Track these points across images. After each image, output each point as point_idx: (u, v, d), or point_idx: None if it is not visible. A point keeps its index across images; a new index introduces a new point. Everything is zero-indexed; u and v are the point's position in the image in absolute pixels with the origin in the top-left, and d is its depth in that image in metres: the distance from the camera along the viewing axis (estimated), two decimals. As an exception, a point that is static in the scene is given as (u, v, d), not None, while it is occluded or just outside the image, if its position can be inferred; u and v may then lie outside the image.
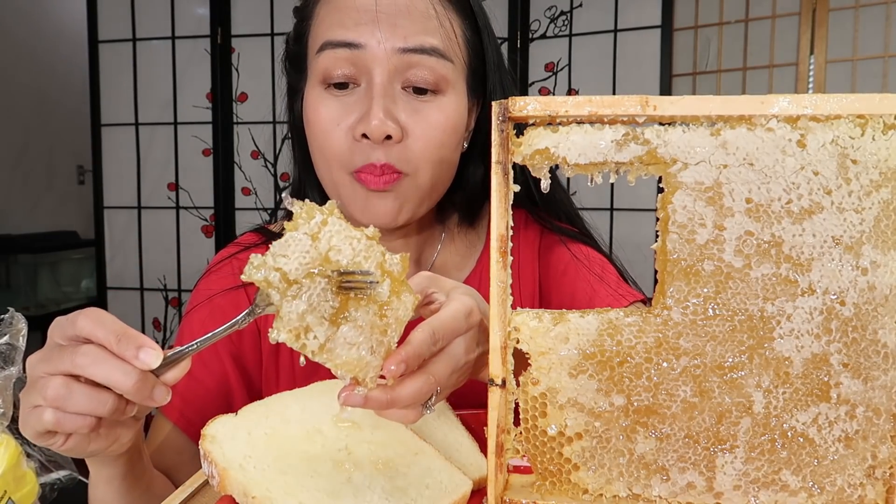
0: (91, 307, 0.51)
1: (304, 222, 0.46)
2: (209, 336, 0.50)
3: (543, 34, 2.58)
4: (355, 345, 0.47)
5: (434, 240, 0.88)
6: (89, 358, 0.48)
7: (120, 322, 0.49)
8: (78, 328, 0.49)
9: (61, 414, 0.49)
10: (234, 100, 2.72)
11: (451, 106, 0.75)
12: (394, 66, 0.72)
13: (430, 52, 0.72)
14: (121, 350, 0.48)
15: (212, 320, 0.80)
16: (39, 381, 0.49)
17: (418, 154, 0.73)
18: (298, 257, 0.45)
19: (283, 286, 0.45)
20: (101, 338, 0.48)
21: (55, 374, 0.49)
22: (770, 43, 2.46)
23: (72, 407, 0.49)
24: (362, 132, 0.71)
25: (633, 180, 0.48)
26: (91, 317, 0.49)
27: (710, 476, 0.48)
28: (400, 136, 0.72)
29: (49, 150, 3.77)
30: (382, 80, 0.72)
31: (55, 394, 0.48)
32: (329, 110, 0.74)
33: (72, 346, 0.49)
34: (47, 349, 0.51)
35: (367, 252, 0.48)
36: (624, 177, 0.48)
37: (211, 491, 0.58)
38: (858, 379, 0.46)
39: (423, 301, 0.56)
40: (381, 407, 0.49)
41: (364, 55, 0.71)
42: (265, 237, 0.87)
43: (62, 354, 0.49)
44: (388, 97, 0.72)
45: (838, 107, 0.45)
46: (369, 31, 0.71)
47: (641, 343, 0.48)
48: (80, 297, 3.59)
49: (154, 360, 0.48)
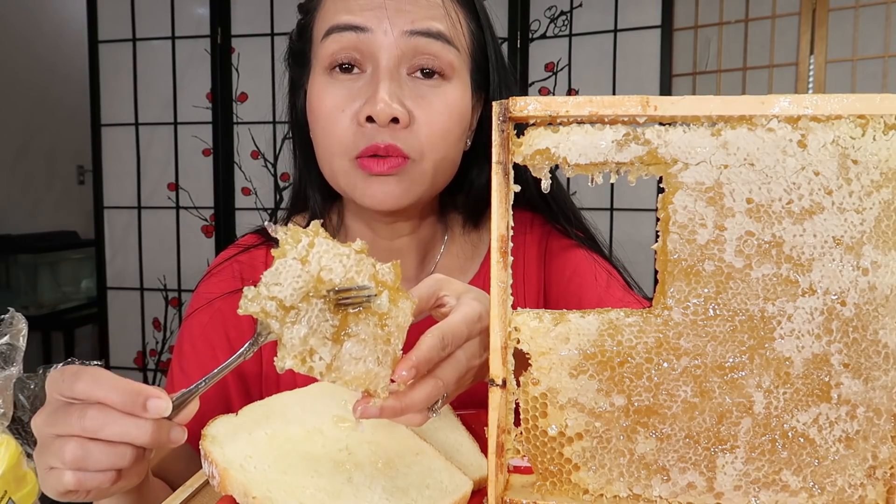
0: (85, 367, 0.49)
1: (291, 247, 0.47)
2: (216, 372, 0.50)
3: (543, 34, 2.58)
4: (361, 359, 0.47)
5: (437, 243, 0.87)
6: (99, 421, 0.47)
7: (117, 377, 0.48)
8: (77, 393, 0.48)
9: (82, 474, 0.48)
10: (234, 100, 2.72)
11: (457, 93, 0.74)
12: (400, 50, 0.71)
13: (436, 37, 0.72)
14: (128, 408, 0.47)
15: (212, 325, 0.80)
16: (53, 444, 0.48)
17: (423, 140, 0.72)
18: (291, 283, 0.46)
19: (281, 314, 0.46)
20: (103, 398, 0.47)
21: (67, 436, 0.48)
22: (770, 43, 2.46)
23: (93, 466, 0.48)
24: (367, 115, 0.70)
25: (634, 180, 0.48)
26: (86, 379, 0.48)
27: (710, 476, 0.48)
28: (407, 119, 0.71)
29: (49, 150, 3.77)
30: (389, 64, 0.71)
31: (73, 456, 0.47)
32: (334, 96, 0.73)
33: (77, 408, 0.48)
34: (51, 409, 0.49)
35: (358, 266, 0.48)
36: (624, 177, 0.48)
37: (211, 491, 0.58)
38: (859, 379, 0.46)
39: (434, 304, 0.56)
40: (395, 415, 0.49)
41: (370, 39, 0.71)
42: (265, 238, 0.87)
43: (69, 418, 0.48)
44: (394, 81, 0.71)
45: (839, 107, 0.45)
46: (375, 16, 0.71)
47: (642, 343, 0.48)
48: (80, 297, 3.58)
49: (164, 409, 0.48)
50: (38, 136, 3.70)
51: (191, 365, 0.79)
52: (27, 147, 3.64)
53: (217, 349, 0.80)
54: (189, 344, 0.80)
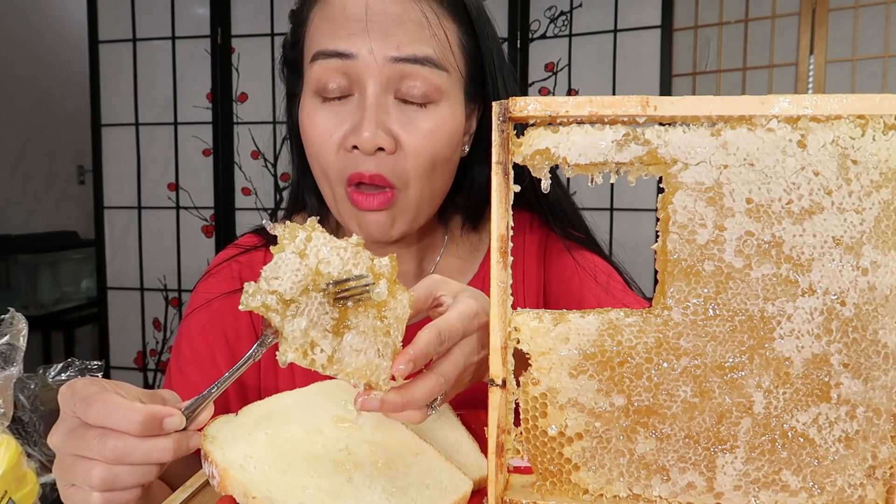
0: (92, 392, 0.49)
1: (288, 242, 0.48)
2: (227, 376, 0.51)
3: (543, 34, 2.58)
4: (362, 350, 0.48)
5: (436, 243, 0.87)
6: (120, 451, 0.48)
7: (125, 403, 0.49)
8: (90, 420, 0.49)
9: (110, 494, 0.49)
10: (234, 100, 2.72)
11: (445, 115, 0.74)
12: (386, 76, 0.71)
13: (423, 62, 0.71)
14: (145, 433, 0.48)
15: (211, 326, 0.80)
16: (77, 466, 0.49)
17: (410, 168, 0.72)
18: (290, 276, 0.47)
19: (282, 307, 0.46)
20: (117, 427, 0.48)
21: (91, 459, 0.49)
22: (770, 43, 2.46)
23: (121, 485, 0.49)
24: (353, 144, 0.71)
25: (634, 180, 0.48)
26: (97, 409, 0.48)
27: (710, 476, 0.48)
28: (393, 147, 0.71)
29: (49, 150, 3.77)
30: (375, 90, 0.71)
31: (101, 481, 0.48)
32: (323, 122, 0.73)
33: (96, 434, 0.48)
34: (67, 429, 0.50)
35: (356, 259, 0.49)
36: (624, 177, 0.48)
37: (211, 491, 0.58)
38: (859, 379, 0.46)
39: (431, 303, 0.57)
40: (396, 410, 0.49)
41: (356, 65, 0.71)
42: (265, 238, 0.87)
43: (88, 443, 0.48)
44: (380, 108, 0.71)
45: (839, 107, 0.45)
46: (361, 40, 0.70)
47: (642, 343, 0.48)
48: (81, 297, 3.58)
49: (179, 425, 0.50)
50: (38, 136, 3.70)
51: (189, 365, 0.79)
52: (27, 147, 3.64)
53: (215, 350, 0.80)
54: (187, 344, 0.81)
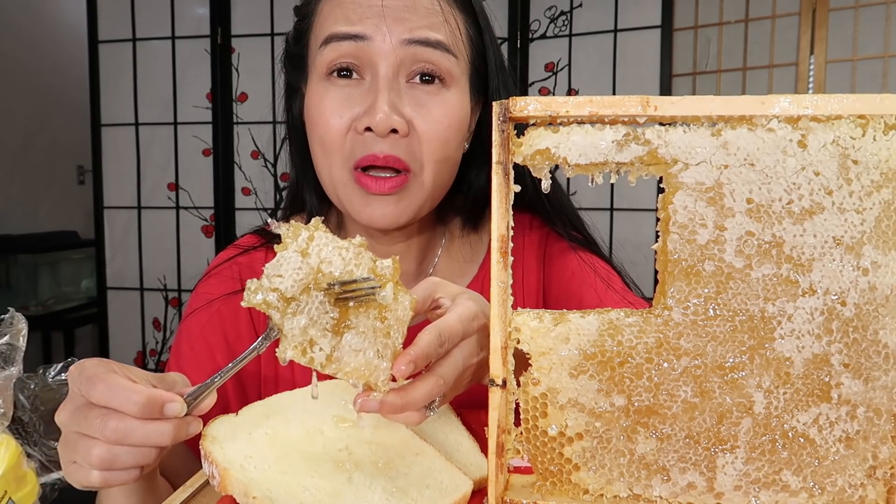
0: (97, 372, 0.50)
1: (291, 241, 0.48)
2: (230, 366, 0.51)
3: (543, 34, 2.58)
4: (361, 350, 0.48)
5: (435, 245, 0.87)
6: (121, 431, 0.49)
7: (128, 384, 0.49)
8: (94, 400, 0.49)
9: (109, 473, 0.50)
10: (234, 100, 2.72)
11: (456, 101, 0.74)
12: (399, 58, 0.71)
13: (435, 46, 0.72)
14: (146, 416, 0.49)
15: (210, 326, 0.80)
16: (80, 443, 0.50)
17: (424, 152, 0.73)
18: (292, 274, 0.47)
19: (283, 305, 0.47)
20: (119, 408, 0.49)
21: (93, 437, 0.49)
22: (770, 43, 2.46)
23: (119, 465, 0.50)
24: (366, 125, 0.70)
25: (634, 180, 0.48)
26: (101, 388, 0.49)
27: (710, 476, 0.48)
28: (406, 129, 0.71)
29: (49, 150, 3.77)
30: (387, 73, 0.71)
31: (100, 459, 0.49)
32: (332, 101, 0.73)
33: (99, 414, 0.49)
34: (73, 406, 0.51)
35: (357, 260, 0.49)
36: (624, 177, 0.48)
37: (211, 491, 0.58)
38: (859, 379, 0.46)
39: (430, 306, 0.57)
40: (395, 411, 0.49)
41: (369, 47, 0.71)
42: (265, 239, 0.87)
43: (91, 421, 0.49)
44: (393, 91, 0.71)
45: (839, 107, 0.45)
46: (374, 24, 0.71)
47: (642, 343, 0.48)
48: (81, 297, 3.58)
49: (180, 411, 0.50)
50: (38, 135, 3.70)
51: (188, 365, 0.79)
52: (27, 147, 3.64)
53: (215, 350, 0.80)
54: (187, 344, 0.81)
